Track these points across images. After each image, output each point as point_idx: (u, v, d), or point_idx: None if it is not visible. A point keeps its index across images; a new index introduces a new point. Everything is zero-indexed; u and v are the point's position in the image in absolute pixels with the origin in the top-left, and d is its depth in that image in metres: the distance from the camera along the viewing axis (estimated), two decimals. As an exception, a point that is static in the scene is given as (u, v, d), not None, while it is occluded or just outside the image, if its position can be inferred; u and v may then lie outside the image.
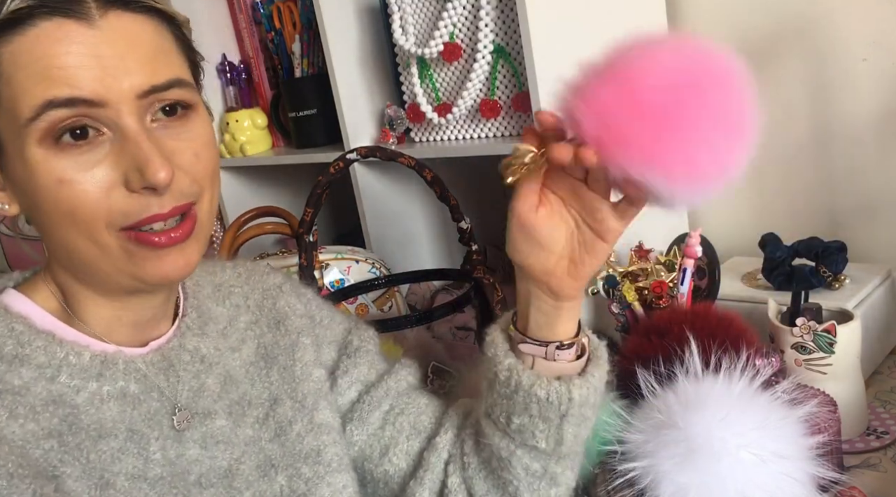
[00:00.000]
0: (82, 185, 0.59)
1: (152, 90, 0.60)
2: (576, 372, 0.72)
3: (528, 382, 0.70)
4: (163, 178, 0.59)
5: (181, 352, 0.72)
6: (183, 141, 0.63)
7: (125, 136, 0.59)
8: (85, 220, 0.60)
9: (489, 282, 1.14)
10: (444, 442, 0.79)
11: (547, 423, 0.71)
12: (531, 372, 0.71)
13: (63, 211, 0.60)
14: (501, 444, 0.74)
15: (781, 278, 1.11)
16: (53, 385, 0.64)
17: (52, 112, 0.58)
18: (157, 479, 0.66)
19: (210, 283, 0.79)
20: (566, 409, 0.70)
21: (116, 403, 0.66)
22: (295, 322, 0.80)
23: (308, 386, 0.78)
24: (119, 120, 0.59)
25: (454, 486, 0.78)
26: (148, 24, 0.62)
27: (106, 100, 0.58)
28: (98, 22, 0.59)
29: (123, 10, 0.60)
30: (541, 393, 0.70)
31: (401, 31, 1.30)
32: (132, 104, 0.59)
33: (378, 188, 1.48)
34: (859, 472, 0.89)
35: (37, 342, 0.64)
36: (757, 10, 1.27)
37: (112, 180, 0.60)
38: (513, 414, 0.72)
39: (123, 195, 0.60)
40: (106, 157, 0.60)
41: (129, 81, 0.59)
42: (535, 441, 0.72)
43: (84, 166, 0.59)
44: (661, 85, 0.58)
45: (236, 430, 0.73)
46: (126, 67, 0.59)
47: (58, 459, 0.61)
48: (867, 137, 1.23)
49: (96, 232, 0.61)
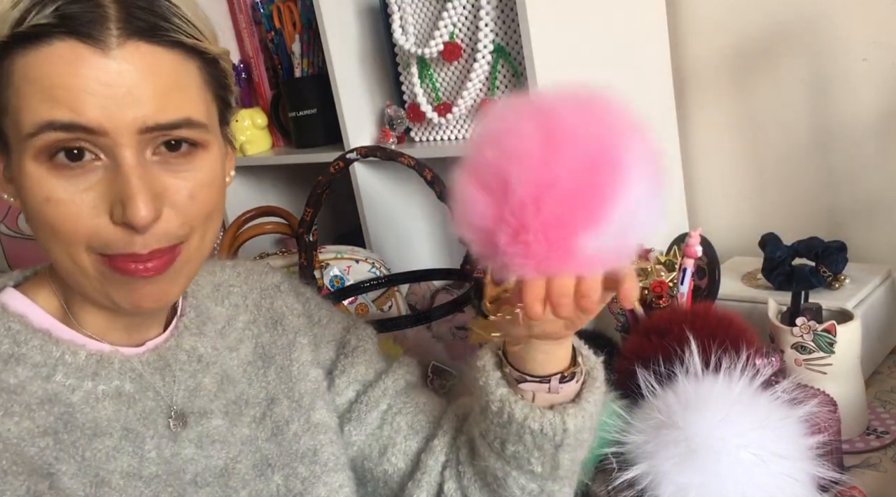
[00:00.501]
0: (68, 207, 0.59)
1: (156, 127, 0.59)
2: (569, 398, 0.70)
3: (520, 415, 0.68)
4: (143, 216, 0.58)
5: (177, 351, 0.72)
6: (181, 179, 0.61)
7: (118, 168, 0.58)
8: (66, 239, 0.60)
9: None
10: (441, 445, 0.79)
11: (542, 451, 0.70)
12: (523, 403, 0.68)
13: (47, 226, 0.60)
14: (497, 465, 0.73)
15: (781, 278, 1.11)
16: (49, 384, 0.64)
17: (50, 133, 0.57)
18: (152, 477, 0.66)
19: (210, 283, 0.79)
20: (561, 439, 0.68)
21: (112, 402, 0.66)
22: (292, 321, 0.80)
23: (305, 385, 0.78)
24: (116, 150, 0.58)
25: (450, 492, 0.77)
26: (169, 58, 0.60)
27: (106, 129, 0.58)
28: (114, 51, 0.57)
29: (146, 42, 0.59)
30: (534, 426, 0.68)
31: (401, 30, 1.30)
32: (132, 137, 0.58)
33: (378, 188, 1.48)
34: (859, 472, 0.89)
35: (33, 341, 0.64)
36: (757, 10, 1.27)
37: (98, 208, 0.59)
38: (507, 442, 0.70)
39: (107, 224, 0.59)
40: (97, 183, 0.59)
41: (134, 114, 0.58)
42: (531, 466, 0.71)
43: (74, 189, 0.59)
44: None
45: (233, 430, 0.73)
46: (133, 100, 0.58)
47: (53, 457, 0.62)
48: (867, 137, 1.23)
49: (75, 252, 0.60)
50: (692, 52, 1.36)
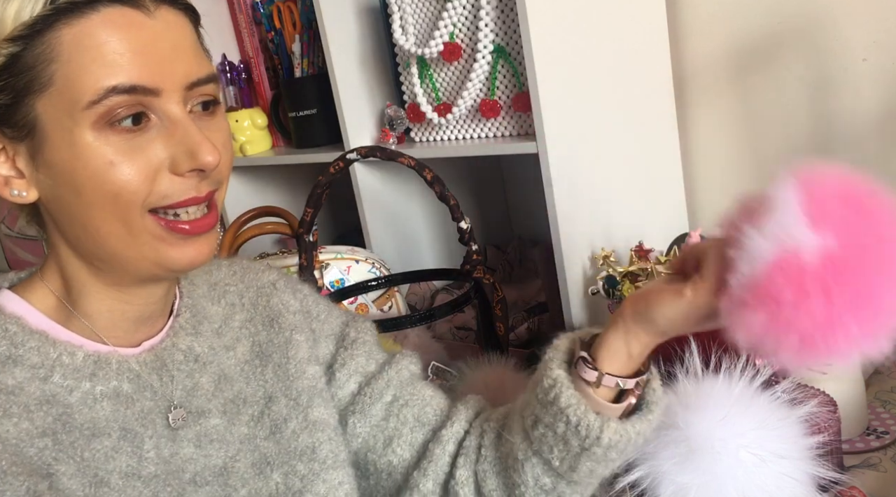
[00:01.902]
0: (130, 168, 0.61)
1: (198, 82, 0.64)
2: (618, 414, 0.70)
3: (565, 402, 0.68)
4: (212, 160, 0.62)
5: (174, 351, 0.72)
6: (212, 132, 0.65)
7: (174, 123, 0.63)
8: (125, 201, 0.62)
9: (489, 282, 1.14)
10: (449, 435, 0.79)
11: (567, 446, 0.69)
12: (573, 393, 0.68)
13: (107, 193, 0.61)
14: (521, 445, 0.73)
15: (781, 278, 1.11)
16: (47, 385, 0.64)
17: (114, 97, 0.60)
18: (151, 477, 0.67)
19: (206, 282, 0.79)
20: (590, 444, 0.68)
21: (109, 403, 0.66)
22: (289, 319, 0.80)
23: (302, 383, 0.78)
24: (168, 107, 0.62)
25: (462, 479, 0.77)
26: (186, 20, 0.65)
27: (161, 88, 0.61)
28: (154, 13, 0.62)
29: (171, 6, 0.64)
30: (573, 418, 0.67)
31: (401, 31, 1.30)
32: (181, 93, 0.63)
33: (378, 188, 1.48)
34: (859, 472, 0.89)
35: (30, 343, 0.65)
36: (757, 9, 1.27)
37: (159, 163, 0.62)
38: (539, 421, 0.70)
39: (167, 178, 0.63)
40: (153, 141, 0.62)
41: (182, 71, 0.63)
42: (551, 456, 0.70)
43: (134, 150, 0.61)
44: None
45: (231, 429, 0.73)
46: (178, 58, 0.63)
47: (52, 458, 0.62)
48: (867, 137, 1.23)
49: (131, 215, 0.62)
50: (692, 52, 1.36)
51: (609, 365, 0.69)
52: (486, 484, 0.77)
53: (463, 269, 1.16)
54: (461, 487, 0.77)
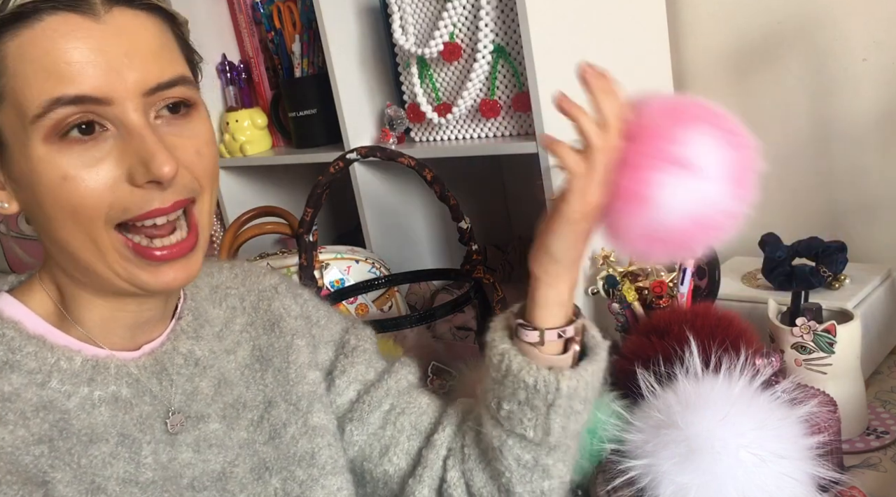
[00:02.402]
0: (86, 182, 0.59)
1: (158, 88, 0.61)
2: (567, 364, 0.73)
3: (517, 367, 0.71)
4: (167, 171, 0.59)
5: (174, 355, 0.72)
6: (185, 138, 0.63)
7: (130, 132, 0.60)
8: (86, 216, 0.60)
9: (489, 282, 1.14)
10: (442, 439, 0.79)
11: (534, 411, 0.71)
12: (522, 358, 0.71)
13: (65, 207, 0.60)
14: (494, 432, 0.74)
15: (781, 278, 1.11)
16: (44, 390, 0.63)
17: (59, 109, 0.58)
18: (148, 483, 0.66)
19: (208, 285, 0.79)
20: (553, 398, 0.70)
21: (108, 408, 0.66)
22: (290, 324, 0.80)
23: (302, 388, 0.77)
24: (124, 116, 0.59)
25: (453, 481, 0.78)
26: (150, 21, 0.62)
27: (112, 97, 0.59)
28: (103, 17, 0.59)
29: (127, 7, 0.60)
30: (528, 379, 0.70)
31: (401, 31, 1.30)
32: (137, 101, 0.60)
33: (378, 188, 1.48)
34: (859, 472, 0.89)
35: (27, 348, 0.64)
36: (757, 10, 1.27)
37: (116, 176, 0.60)
38: (502, 399, 0.72)
39: (126, 190, 0.60)
40: (109, 153, 0.60)
41: (135, 78, 0.59)
42: (524, 429, 0.72)
43: (88, 162, 0.59)
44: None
45: (230, 433, 0.73)
46: (132, 64, 0.59)
47: (48, 465, 0.61)
48: (867, 137, 1.23)
49: (96, 230, 0.61)
50: (692, 52, 1.36)
51: (544, 320, 0.72)
52: (475, 482, 0.77)
53: (463, 269, 1.16)
54: (453, 489, 0.78)
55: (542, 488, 0.75)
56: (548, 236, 0.71)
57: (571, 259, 0.71)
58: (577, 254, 0.71)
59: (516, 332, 0.73)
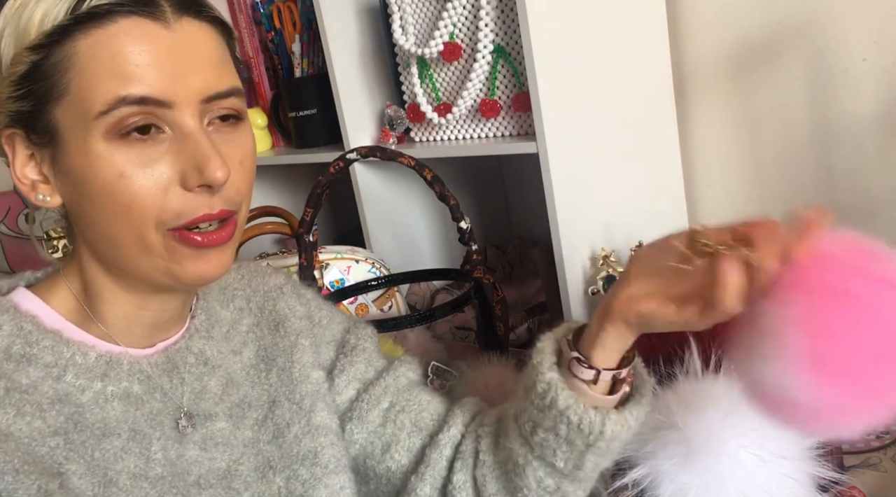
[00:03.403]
0: (141, 181, 0.61)
1: (216, 96, 0.63)
2: (613, 404, 0.70)
3: (563, 404, 0.68)
4: (220, 176, 0.61)
5: (187, 354, 0.72)
6: (232, 148, 0.65)
7: (185, 136, 0.62)
8: (138, 215, 0.62)
9: (489, 282, 1.14)
10: (446, 439, 0.79)
11: (571, 447, 0.70)
12: (570, 393, 0.68)
13: (118, 204, 0.61)
14: (521, 450, 0.73)
15: (781, 278, 1.11)
16: (59, 384, 0.64)
17: (123, 108, 0.60)
18: (157, 478, 0.67)
19: (217, 286, 0.80)
20: (594, 440, 0.68)
21: (120, 403, 0.67)
22: (294, 324, 0.80)
23: (306, 387, 0.78)
24: (182, 121, 0.61)
25: (459, 483, 0.77)
26: (213, 33, 0.65)
27: (174, 101, 0.61)
28: (173, 25, 0.61)
29: (194, 18, 0.63)
30: (573, 418, 0.68)
31: (401, 30, 1.30)
32: (195, 107, 0.62)
33: (378, 188, 1.48)
34: (859, 472, 0.89)
35: (44, 342, 0.65)
36: (757, 10, 1.27)
37: (169, 178, 0.62)
38: (539, 427, 0.70)
39: (178, 194, 0.62)
40: (165, 154, 0.62)
41: (196, 85, 0.62)
42: (555, 459, 0.71)
43: (145, 162, 0.61)
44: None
45: (236, 432, 0.73)
46: (195, 71, 0.62)
47: (63, 457, 0.62)
48: (867, 137, 1.23)
49: (145, 229, 0.62)
50: (692, 52, 1.36)
51: (603, 361, 0.69)
52: (487, 488, 0.77)
53: (463, 269, 1.16)
54: (459, 492, 0.77)
55: None
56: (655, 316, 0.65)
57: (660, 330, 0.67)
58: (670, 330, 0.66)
59: (569, 365, 0.70)
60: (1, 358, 0.63)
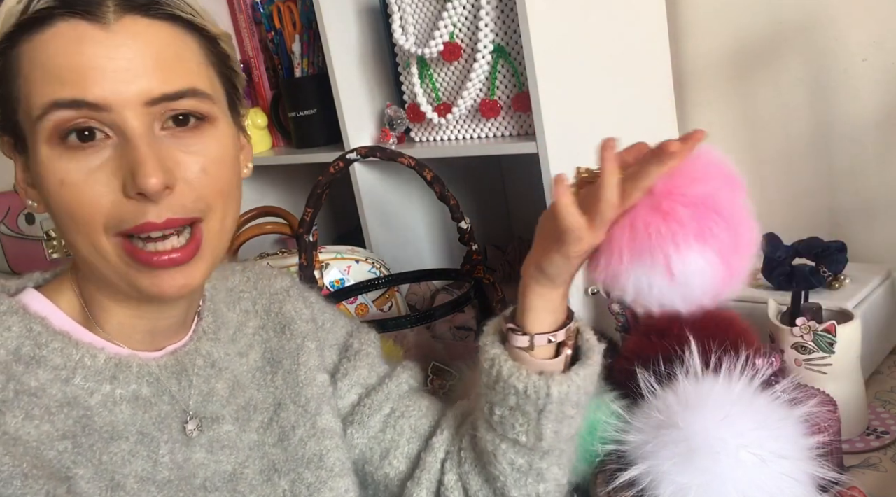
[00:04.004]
0: (81, 188, 0.59)
1: (163, 98, 0.60)
2: (559, 369, 0.72)
3: (507, 373, 0.71)
4: (153, 183, 0.58)
5: (195, 356, 0.72)
6: (192, 154, 0.62)
7: (127, 141, 0.59)
8: (84, 222, 0.60)
9: (489, 281, 1.14)
10: (440, 442, 0.79)
11: (525, 416, 0.71)
12: (512, 363, 0.71)
13: (65, 212, 0.60)
14: (487, 436, 0.74)
15: (781, 278, 1.11)
16: (68, 387, 0.64)
17: (57, 112, 0.58)
18: (164, 482, 0.66)
19: (224, 288, 0.79)
20: (543, 404, 0.70)
21: (128, 406, 0.66)
22: (300, 327, 0.80)
23: (311, 390, 0.78)
24: (123, 124, 0.59)
25: (450, 484, 0.78)
26: (166, 30, 0.61)
27: (110, 104, 0.58)
28: (113, 25, 0.59)
29: (141, 16, 0.60)
30: (518, 385, 0.70)
31: (401, 31, 1.30)
32: (139, 110, 0.59)
33: (378, 188, 1.48)
34: (859, 472, 0.89)
35: (53, 344, 0.64)
36: (757, 10, 1.27)
37: (111, 185, 0.60)
38: (494, 404, 0.72)
39: (119, 201, 0.60)
40: (108, 161, 0.60)
41: (138, 87, 0.59)
42: (516, 434, 0.72)
43: (86, 169, 0.59)
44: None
45: (242, 435, 0.73)
46: (136, 72, 0.59)
47: (71, 461, 0.62)
48: (867, 137, 1.23)
49: (95, 235, 0.61)
50: (692, 52, 1.36)
51: (535, 325, 0.71)
52: (471, 485, 0.77)
53: (463, 269, 1.16)
54: (450, 492, 0.78)
55: (538, 491, 0.75)
56: (541, 256, 0.70)
57: (564, 279, 0.71)
58: (570, 275, 0.71)
59: (507, 337, 0.73)
60: (10, 360, 0.62)
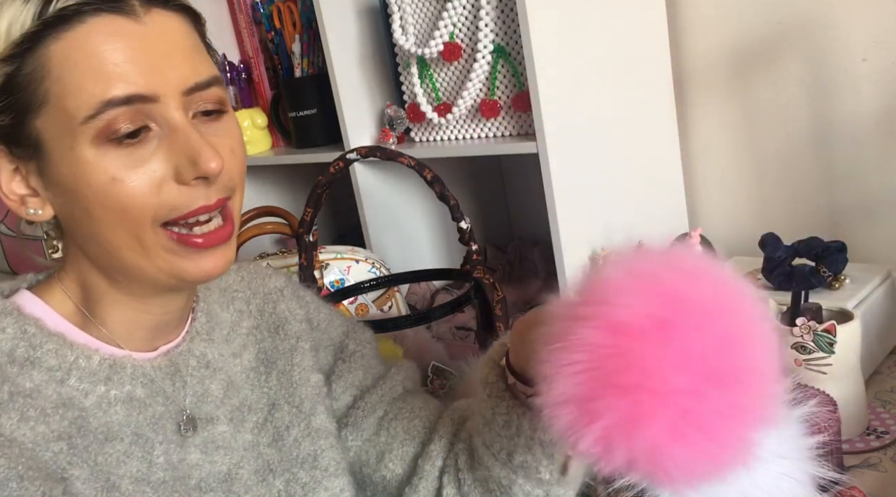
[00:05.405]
0: (134, 182, 0.60)
1: (196, 87, 0.62)
2: None
3: (530, 428, 0.67)
4: (215, 166, 0.60)
5: (189, 357, 0.72)
6: (220, 137, 0.64)
7: (174, 130, 0.60)
8: (134, 217, 0.61)
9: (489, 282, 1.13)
10: (437, 449, 0.78)
11: (551, 460, 0.69)
12: (532, 416, 0.67)
13: (113, 209, 0.60)
14: (502, 473, 0.71)
15: (781, 278, 1.11)
16: (63, 388, 0.64)
17: (110, 111, 0.58)
18: (159, 482, 0.66)
19: (218, 287, 0.79)
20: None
21: (123, 407, 0.66)
22: (295, 327, 0.80)
23: (306, 390, 0.77)
24: (168, 114, 0.60)
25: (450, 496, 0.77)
26: (182, 22, 0.63)
27: (158, 94, 0.59)
28: (143, 18, 0.60)
29: (163, 8, 0.61)
30: (545, 438, 0.67)
31: (401, 31, 1.30)
32: (178, 100, 0.61)
33: (378, 188, 1.48)
34: (859, 472, 0.89)
35: (48, 345, 0.64)
36: (757, 10, 1.27)
37: (163, 175, 0.61)
38: (515, 453, 0.70)
39: (173, 189, 0.61)
40: (155, 152, 0.60)
41: (176, 77, 0.60)
42: (539, 475, 0.70)
43: (136, 163, 0.60)
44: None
45: (236, 436, 0.73)
46: (172, 63, 0.60)
47: (66, 462, 0.61)
48: (867, 137, 1.23)
49: (142, 230, 0.61)
50: (692, 52, 1.36)
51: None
52: None
53: (463, 269, 1.16)
54: None
55: None
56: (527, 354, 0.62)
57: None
58: None
59: (514, 387, 0.69)
60: (5, 361, 0.62)
